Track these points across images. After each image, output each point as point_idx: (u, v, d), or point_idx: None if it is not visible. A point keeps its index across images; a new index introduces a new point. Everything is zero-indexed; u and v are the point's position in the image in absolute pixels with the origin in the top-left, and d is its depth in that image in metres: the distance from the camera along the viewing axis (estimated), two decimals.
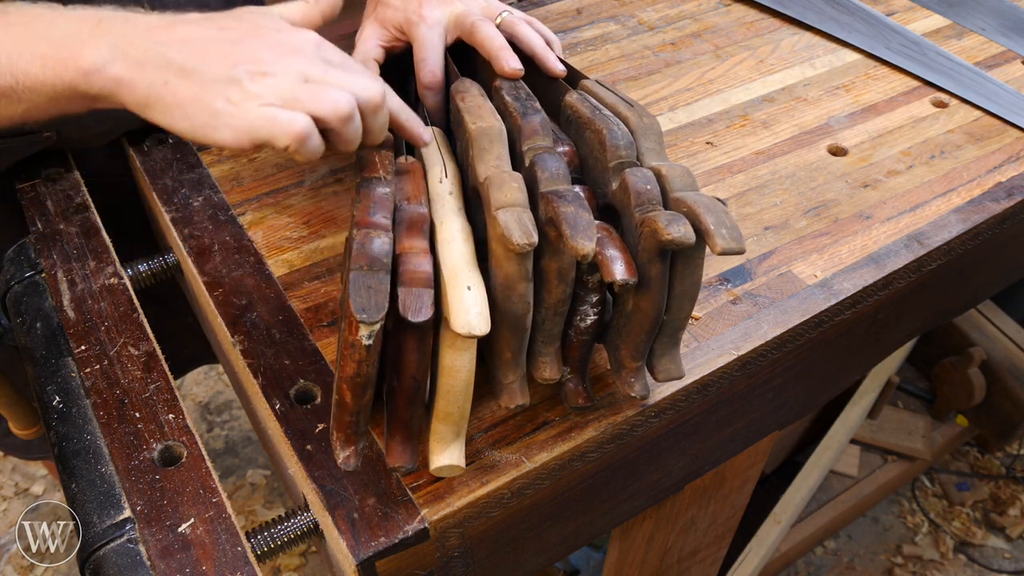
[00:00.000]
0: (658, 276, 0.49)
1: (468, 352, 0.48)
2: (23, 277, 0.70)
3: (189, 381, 1.87)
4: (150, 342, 0.64)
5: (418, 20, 0.66)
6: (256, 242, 0.71)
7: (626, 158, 0.54)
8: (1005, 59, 0.94)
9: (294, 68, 0.49)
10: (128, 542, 0.52)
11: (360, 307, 0.44)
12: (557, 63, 0.65)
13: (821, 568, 1.59)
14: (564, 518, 0.64)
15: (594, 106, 0.58)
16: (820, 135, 0.82)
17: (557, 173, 0.52)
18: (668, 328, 0.53)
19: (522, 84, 0.62)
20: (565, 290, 0.50)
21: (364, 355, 0.45)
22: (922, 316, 0.84)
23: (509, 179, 0.51)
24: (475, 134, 0.55)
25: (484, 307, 0.47)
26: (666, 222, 0.47)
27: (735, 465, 0.83)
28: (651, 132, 0.56)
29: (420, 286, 0.47)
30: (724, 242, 0.47)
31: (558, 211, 0.48)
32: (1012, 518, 1.66)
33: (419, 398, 0.49)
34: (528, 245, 0.46)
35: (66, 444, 0.58)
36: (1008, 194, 0.76)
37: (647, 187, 0.51)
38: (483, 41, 0.64)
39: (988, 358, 1.57)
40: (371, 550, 0.50)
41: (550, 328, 0.52)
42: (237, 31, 0.50)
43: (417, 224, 0.51)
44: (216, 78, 0.47)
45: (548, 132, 0.56)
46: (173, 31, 0.49)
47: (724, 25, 0.98)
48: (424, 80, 0.66)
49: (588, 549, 1.43)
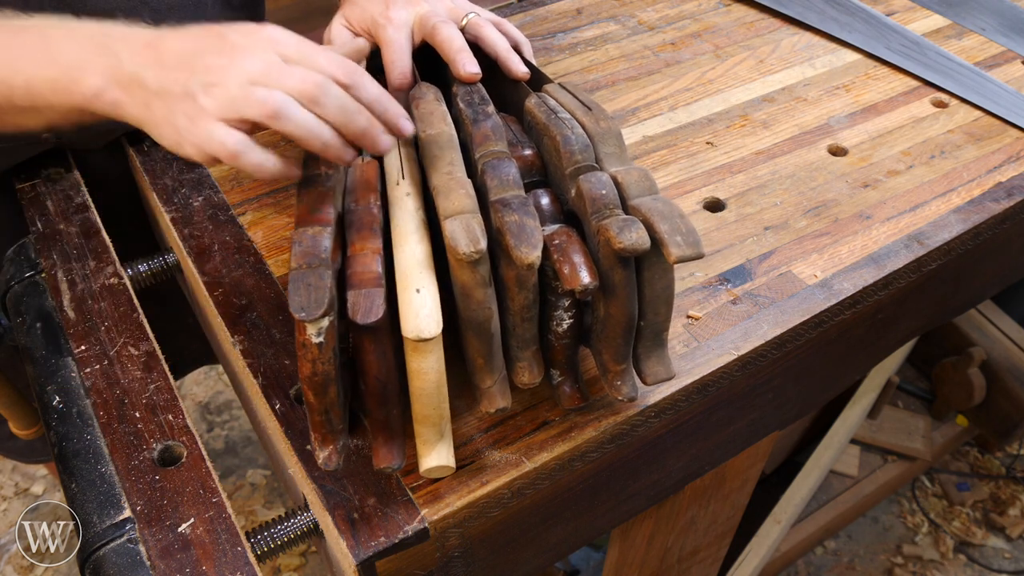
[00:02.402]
0: (623, 282, 0.49)
1: (432, 354, 0.47)
2: (23, 277, 0.70)
3: (189, 381, 1.87)
4: (150, 342, 0.64)
5: (384, 22, 0.65)
6: (256, 242, 0.71)
7: (582, 163, 0.53)
8: (1005, 59, 0.94)
9: (241, 72, 0.48)
10: (128, 542, 0.52)
11: (299, 306, 0.43)
12: (520, 66, 0.64)
13: (821, 568, 1.59)
14: (564, 518, 0.64)
15: (551, 110, 0.57)
16: (820, 135, 0.82)
17: (507, 179, 0.51)
18: (648, 331, 0.53)
19: (476, 88, 0.61)
20: (528, 296, 0.50)
21: (316, 354, 0.45)
22: (922, 316, 0.84)
23: (456, 186, 0.50)
24: (424, 142, 0.54)
25: (434, 309, 0.46)
26: (617, 229, 0.47)
27: (735, 465, 0.83)
28: (609, 135, 0.55)
29: (370, 286, 0.46)
30: (679, 250, 0.46)
31: (503, 220, 0.48)
32: (1012, 518, 1.66)
33: (389, 398, 0.49)
34: (475, 252, 0.46)
35: (66, 444, 0.58)
36: (1008, 194, 0.76)
37: (602, 192, 0.50)
38: (442, 43, 0.63)
39: (988, 358, 1.57)
40: (371, 550, 0.50)
41: (522, 333, 0.52)
42: (204, 40, 0.50)
43: (367, 224, 0.51)
44: (177, 96, 0.48)
45: (501, 136, 0.55)
46: (157, 49, 0.50)
47: (724, 25, 0.98)
48: (395, 82, 0.65)
49: (588, 549, 1.43)
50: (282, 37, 0.51)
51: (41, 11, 0.68)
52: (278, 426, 0.57)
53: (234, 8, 0.83)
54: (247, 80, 0.48)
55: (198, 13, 0.78)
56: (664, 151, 0.80)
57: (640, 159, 0.79)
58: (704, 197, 0.75)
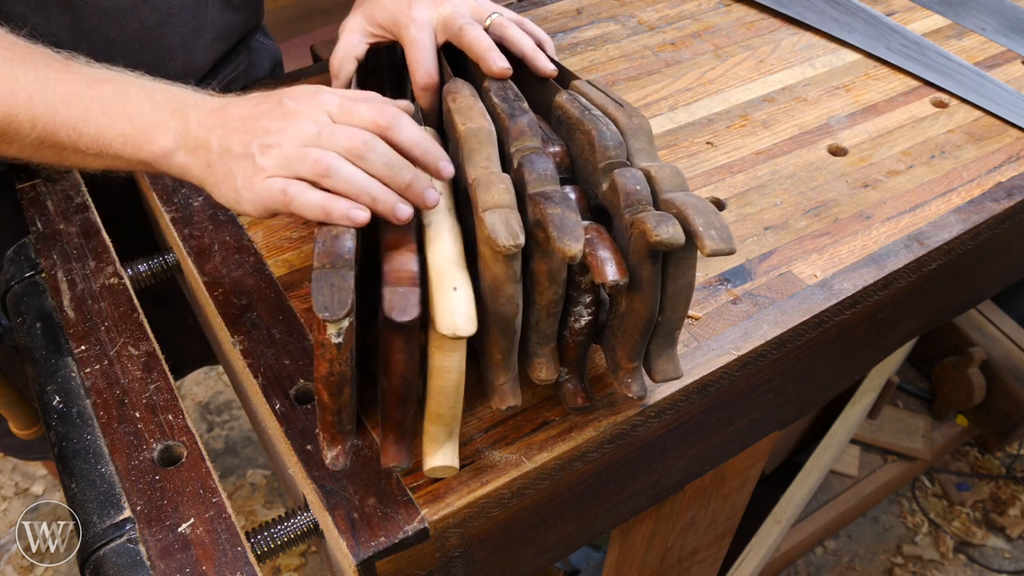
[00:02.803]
0: (650, 277, 0.49)
1: (457, 353, 0.48)
2: (23, 277, 0.70)
3: (189, 381, 1.87)
4: (150, 342, 0.64)
5: (408, 21, 0.66)
6: (256, 242, 0.71)
7: (615, 158, 0.53)
8: (1005, 59, 0.94)
9: (296, 134, 0.51)
10: (128, 542, 0.52)
11: (322, 305, 0.43)
12: (547, 63, 0.65)
13: (821, 568, 1.59)
14: (564, 518, 0.64)
15: (584, 106, 0.57)
16: (820, 135, 0.82)
17: (545, 174, 0.52)
18: (663, 329, 0.53)
19: (510, 84, 0.61)
20: (557, 291, 0.50)
21: (335, 354, 0.45)
22: (922, 316, 0.84)
23: (497, 180, 0.50)
24: (464, 135, 0.55)
25: (470, 308, 0.46)
26: (655, 223, 0.47)
27: (735, 465, 0.83)
28: (641, 132, 0.56)
29: (406, 285, 0.46)
30: (713, 243, 0.47)
31: (545, 213, 0.48)
32: (1012, 518, 1.66)
33: (410, 398, 0.49)
34: (515, 247, 0.46)
35: (66, 444, 0.58)
36: (1008, 194, 0.76)
37: (636, 188, 0.50)
38: (471, 43, 0.64)
39: (988, 358, 1.57)
40: (371, 550, 0.50)
41: (544, 329, 0.52)
42: (263, 106, 0.54)
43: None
44: (237, 156, 0.52)
45: (536, 132, 0.55)
46: (223, 114, 0.54)
47: (724, 25, 0.98)
48: (420, 82, 0.66)
49: (588, 549, 1.43)
50: (330, 99, 0.53)
51: (46, 10, 0.69)
52: (278, 426, 0.57)
53: (234, 8, 0.83)
54: (301, 142, 0.51)
55: (199, 12, 0.78)
56: (664, 151, 0.80)
57: None
58: (704, 197, 0.75)
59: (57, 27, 0.70)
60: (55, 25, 0.70)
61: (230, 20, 0.83)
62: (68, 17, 0.70)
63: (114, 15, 0.72)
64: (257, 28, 0.92)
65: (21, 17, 0.68)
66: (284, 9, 1.95)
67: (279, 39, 1.08)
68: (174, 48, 0.78)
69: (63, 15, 0.70)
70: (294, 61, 1.07)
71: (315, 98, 0.54)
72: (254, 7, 0.88)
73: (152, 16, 0.74)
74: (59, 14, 0.69)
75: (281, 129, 0.51)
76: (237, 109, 0.54)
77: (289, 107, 0.53)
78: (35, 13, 0.69)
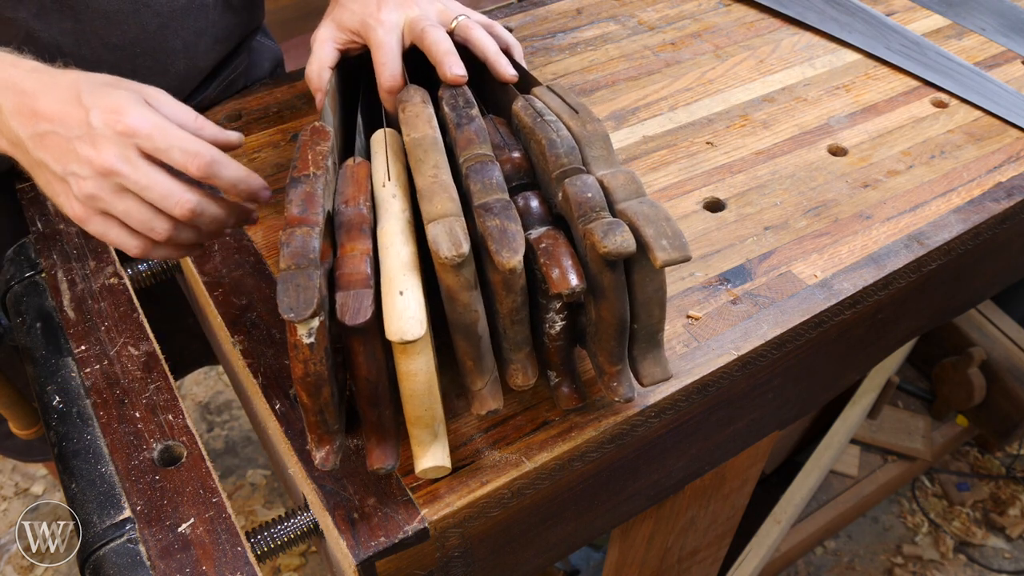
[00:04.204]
0: (612, 285, 0.49)
1: (421, 356, 0.47)
2: (23, 277, 0.70)
3: (189, 381, 1.87)
4: (150, 342, 0.65)
5: (375, 24, 0.65)
6: (256, 242, 0.71)
7: (567, 166, 0.52)
8: (1005, 59, 0.94)
9: (102, 171, 0.52)
10: (128, 542, 0.52)
11: (287, 307, 0.43)
12: (508, 68, 0.64)
13: (821, 568, 1.59)
14: (564, 518, 0.64)
15: (537, 113, 0.57)
16: (820, 135, 0.82)
17: (490, 183, 0.51)
18: (642, 333, 0.52)
19: (461, 91, 0.61)
20: (516, 299, 0.49)
21: (308, 354, 0.45)
22: (922, 316, 0.84)
23: (440, 190, 0.50)
24: (410, 146, 0.54)
25: (418, 311, 0.46)
26: (602, 233, 0.47)
27: (735, 465, 0.83)
28: (596, 138, 0.55)
29: (359, 287, 0.46)
30: (665, 254, 0.46)
31: (485, 225, 0.48)
32: (1012, 518, 1.66)
33: (381, 400, 0.49)
34: (457, 256, 0.46)
35: (66, 444, 0.58)
36: (1008, 194, 0.76)
37: (588, 196, 0.50)
38: (430, 46, 0.63)
39: (988, 358, 1.57)
40: (371, 550, 0.50)
41: (513, 336, 0.52)
42: (71, 117, 0.53)
43: (357, 225, 0.51)
44: (54, 174, 0.54)
45: (485, 140, 0.55)
46: (35, 111, 0.54)
47: (724, 25, 0.98)
48: (385, 85, 0.65)
49: (588, 549, 1.43)
50: (141, 126, 0.53)
51: (47, 16, 0.69)
52: (278, 426, 0.57)
53: (235, 10, 0.83)
54: (111, 186, 0.53)
55: (200, 15, 0.78)
56: (664, 151, 0.80)
57: (640, 159, 0.79)
58: (704, 197, 0.75)
59: (58, 32, 0.70)
60: (56, 30, 0.70)
61: (231, 22, 0.83)
62: (69, 22, 0.70)
63: (115, 19, 0.72)
64: (258, 29, 0.92)
65: (22, 22, 0.68)
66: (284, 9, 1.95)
67: (279, 39, 1.08)
68: (176, 52, 0.78)
69: (64, 20, 0.70)
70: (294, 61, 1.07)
71: (124, 121, 0.53)
72: (255, 8, 0.88)
73: (153, 20, 0.74)
74: (60, 19, 0.69)
75: (90, 160, 0.52)
76: (46, 104, 0.53)
77: (97, 130, 0.52)
78: (36, 18, 0.68)
